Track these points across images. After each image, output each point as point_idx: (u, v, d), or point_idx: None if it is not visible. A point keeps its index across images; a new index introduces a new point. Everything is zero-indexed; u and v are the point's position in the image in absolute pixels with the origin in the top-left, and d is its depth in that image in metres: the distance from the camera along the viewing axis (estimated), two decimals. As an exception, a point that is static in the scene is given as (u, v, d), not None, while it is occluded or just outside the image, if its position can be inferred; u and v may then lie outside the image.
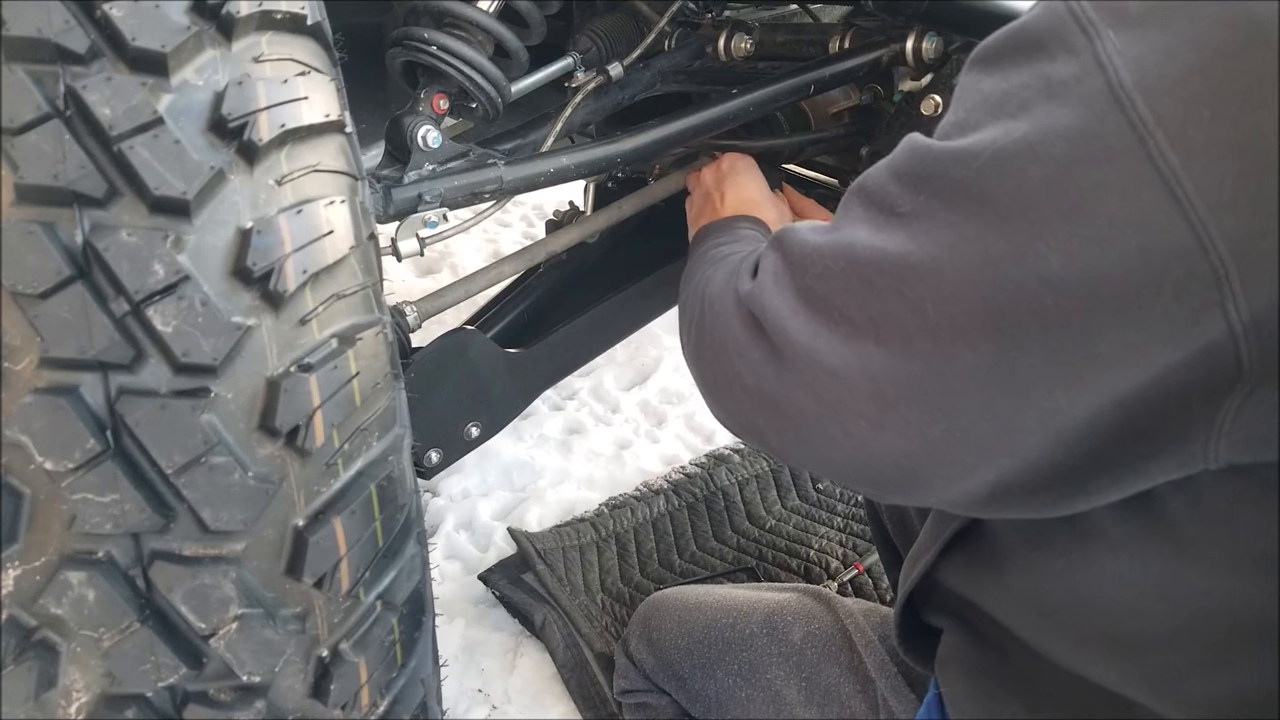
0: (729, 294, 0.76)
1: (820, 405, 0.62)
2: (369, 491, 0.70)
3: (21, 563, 0.60)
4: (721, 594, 1.19)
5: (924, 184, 0.57)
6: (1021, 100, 0.52)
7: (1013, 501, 0.59)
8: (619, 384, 2.08)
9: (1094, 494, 0.57)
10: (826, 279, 0.62)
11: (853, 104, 1.46)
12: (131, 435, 0.60)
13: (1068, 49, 0.51)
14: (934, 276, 0.54)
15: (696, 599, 1.19)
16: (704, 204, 1.23)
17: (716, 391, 0.78)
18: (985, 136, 0.53)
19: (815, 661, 1.03)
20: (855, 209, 0.63)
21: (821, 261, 0.63)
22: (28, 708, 0.61)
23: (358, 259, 0.69)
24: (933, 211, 0.55)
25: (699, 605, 1.17)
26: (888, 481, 0.62)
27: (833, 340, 0.61)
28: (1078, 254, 0.49)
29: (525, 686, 1.37)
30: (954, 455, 0.58)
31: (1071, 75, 0.50)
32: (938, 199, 0.55)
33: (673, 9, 1.32)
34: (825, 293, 0.62)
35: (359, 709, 0.73)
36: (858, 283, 0.59)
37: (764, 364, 0.67)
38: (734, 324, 0.73)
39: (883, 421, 0.59)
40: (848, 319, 0.60)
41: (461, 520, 1.68)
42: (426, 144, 1.05)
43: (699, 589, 1.25)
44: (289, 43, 0.66)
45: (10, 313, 0.57)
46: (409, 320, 1.16)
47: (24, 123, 0.56)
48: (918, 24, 1.27)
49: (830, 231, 0.65)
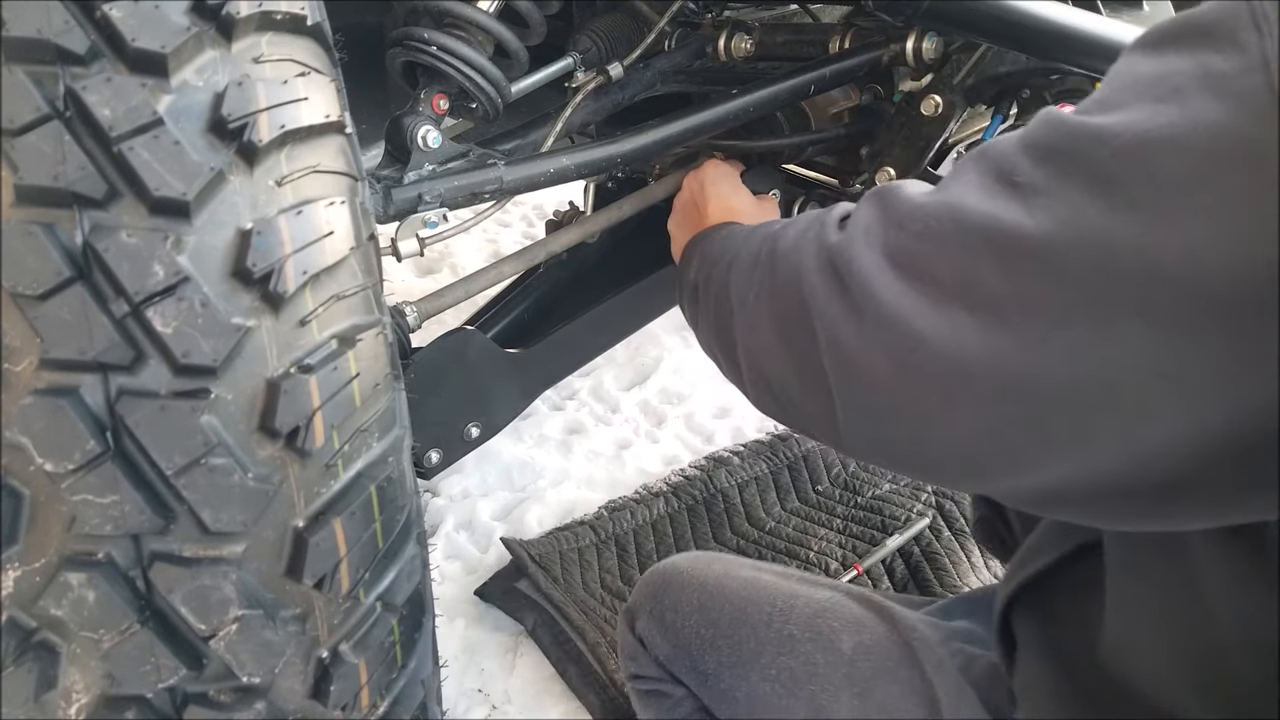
0: (807, 246, 0.72)
1: (895, 369, 0.59)
2: (369, 492, 0.70)
3: (21, 564, 0.60)
4: (746, 577, 1.08)
5: (1051, 157, 0.54)
6: (1174, 86, 0.49)
7: (1067, 509, 0.56)
8: (619, 384, 2.08)
9: (1168, 519, 0.54)
10: (924, 237, 0.59)
11: (853, 104, 1.46)
12: (131, 436, 0.60)
13: (1235, 43, 0.47)
14: (1043, 252, 0.52)
15: (717, 580, 1.08)
16: (687, 213, 1.21)
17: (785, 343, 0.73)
18: (1127, 117, 0.50)
19: (870, 676, 0.93)
20: (969, 173, 0.60)
21: (923, 219, 0.60)
22: (28, 709, 0.61)
23: (358, 260, 0.69)
24: (1055, 186, 0.52)
25: (721, 589, 1.06)
26: (942, 464, 0.60)
27: (920, 302, 0.58)
28: (1202, 255, 0.45)
29: (525, 686, 1.37)
30: (1021, 447, 0.55)
31: (1233, 70, 0.46)
32: (1063, 174, 0.52)
33: (673, 9, 1.32)
34: (920, 251, 0.59)
35: (359, 710, 0.72)
36: (958, 246, 0.56)
37: (844, 320, 0.64)
38: (812, 277, 0.69)
39: (956, 396, 0.56)
40: (939, 282, 0.57)
41: (461, 520, 1.68)
42: (426, 144, 1.05)
43: (715, 563, 1.12)
44: (289, 43, 0.66)
45: (10, 314, 0.57)
46: (409, 320, 1.16)
47: (24, 123, 0.56)
48: (918, 24, 1.27)
49: (937, 191, 0.62)
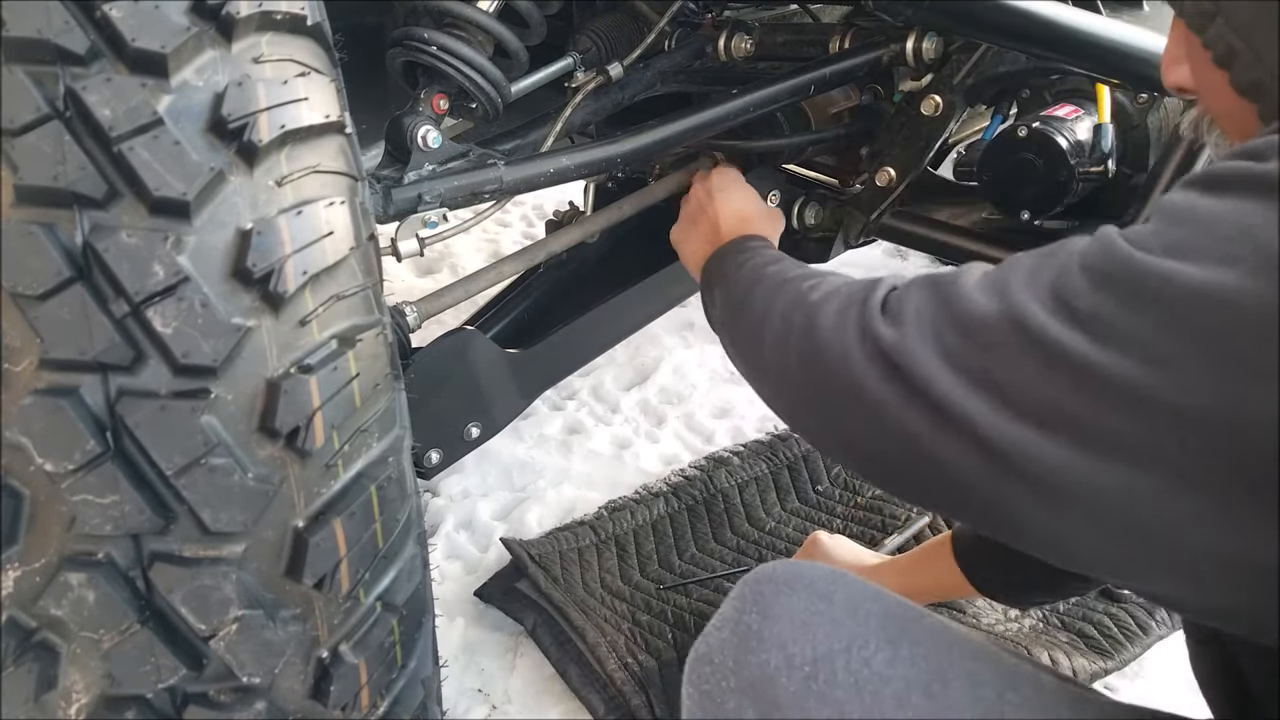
0: (851, 331, 0.70)
1: (978, 474, 0.60)
2: (369, 493, 0.70)
3: (21, 564, 0.60)
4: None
5: (1111, 285, 0.55)
6: (1239, 236, 0.51)
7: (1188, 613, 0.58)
8: (619, 384, 2.08)
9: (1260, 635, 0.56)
10: (992, 350, 0.60)
11: (853, 104, 1.46)
12: (131, 436, 0.60)
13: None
14: (1103, 384, 0.53)
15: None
16: (697, 224, 1.20)
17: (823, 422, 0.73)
18: (1192, 268, 0.52)
19: None
20: (1029, 281, 0.60)
21: (989, 331, 0.60)
22: (28, 709, 0.61)
23: (358, 260, 0.69)
24: (1115, 318, 0.54)
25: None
26: (1024, 546, 0.62)
27: (997, 416, 0.58)
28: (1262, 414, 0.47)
29: (525, 686, 1.37)
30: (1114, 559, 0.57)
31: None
32: (1125, 308, 0.54)
33: (673, 9, 1.32)
34: (989, 364, 0.60)
35: (359, 710, 0.72)
36: (1031, 365, 0.57)
37: (912, 419, 0.63)
38: (863, 368, 0.68)
39: (1037, 504, 0.58)
40: (1011, 397, 0.58)
41: (461, 520, 1.68)
42: (426, 144, 1.05)
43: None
44: (289, 43, 0.66)
45: (10, 314, 0.57)
46: (409, 320, 1.16)
47: (24, 124, 0.56)
48: (918, 24, 1.27)
49: (996, 293, 0.62)
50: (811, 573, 0.73)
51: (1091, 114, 1.36)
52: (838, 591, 0.71)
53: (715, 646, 0.73)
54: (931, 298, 0.66)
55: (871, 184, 1.45)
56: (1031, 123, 1.34)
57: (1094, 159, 1.33)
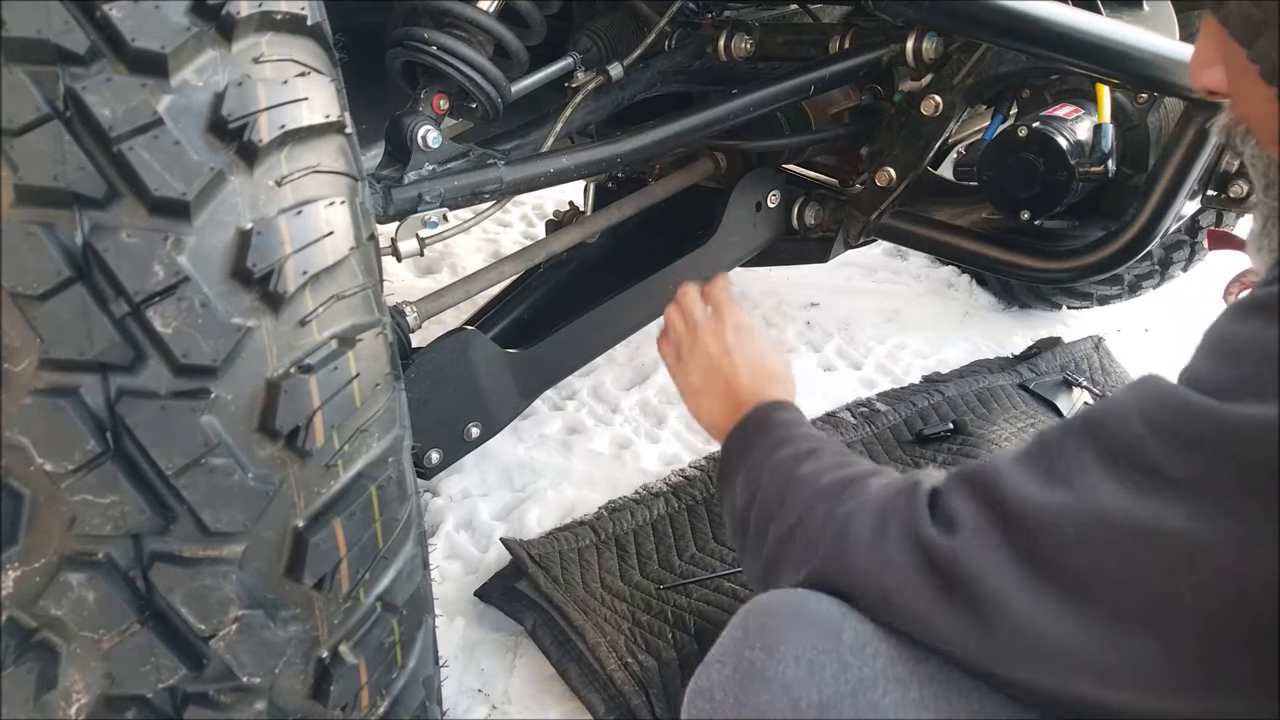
0: (894, 538, 0.66)
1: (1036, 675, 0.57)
2: (369, 493, 0.70)
3: (21, 564, 0.60)
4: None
5: (1201, 447, 0.50)
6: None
7: None
8: (619, 384, 2.08)
9: None
10: (1068, 550, 0.55)
11: (853, 104, 1.46)
12: (131, 436, 0.60)
13: None
14: (1210, 559, 0.49)
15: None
16: (711, 381, 1.03)
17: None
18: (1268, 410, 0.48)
19: None
20: (1088, 459, 0.56)
21: (1059, 529, 0.56)
22: (28, 709, 0.61)
23: (358, 260, 0.69)
24: (1218, 482, 0.49)
25: None
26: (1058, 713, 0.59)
27: (1062, 616, 0.55)
28: None
29: (525, 686, 1.37)
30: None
31: None
32: (1224, 469, 0.49)
33: (673, 9, 1.33)
34: (1069, 565, 0.55)
35: (359, 710, 0.72)
36: (1115, 559, 0.53)
37: (961, 631, 0.60)
38: (909, 579, 0.64)
39: (1102, 694, 0.55)
40: (1088, 596, 0.54)
41: (461, 520, 1.68)
42: (426, 144, 1.05)
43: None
44: (289, 43, 0.66)
45: (10, 314, 0.57)
46: (409, 320, 1.16)
47: (24, 123, 0.56)
48: (918, 24, 1.27)
49: (1058, 486, 0.57)
50: (817, 606, 0.68)
51: (1091, 114, 1.36)
52: (846, 629, 0.66)
53: (716, 682, 0.68)
54: (982, 501, 0.62)
55: (871, 184, 1.45)
56: (1031, 123, 1.34)
57: (1094, 159, 1.33)
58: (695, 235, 1.52)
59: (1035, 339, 2.22)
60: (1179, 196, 1.26)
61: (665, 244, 1.40)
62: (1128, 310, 2.38)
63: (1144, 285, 2.23)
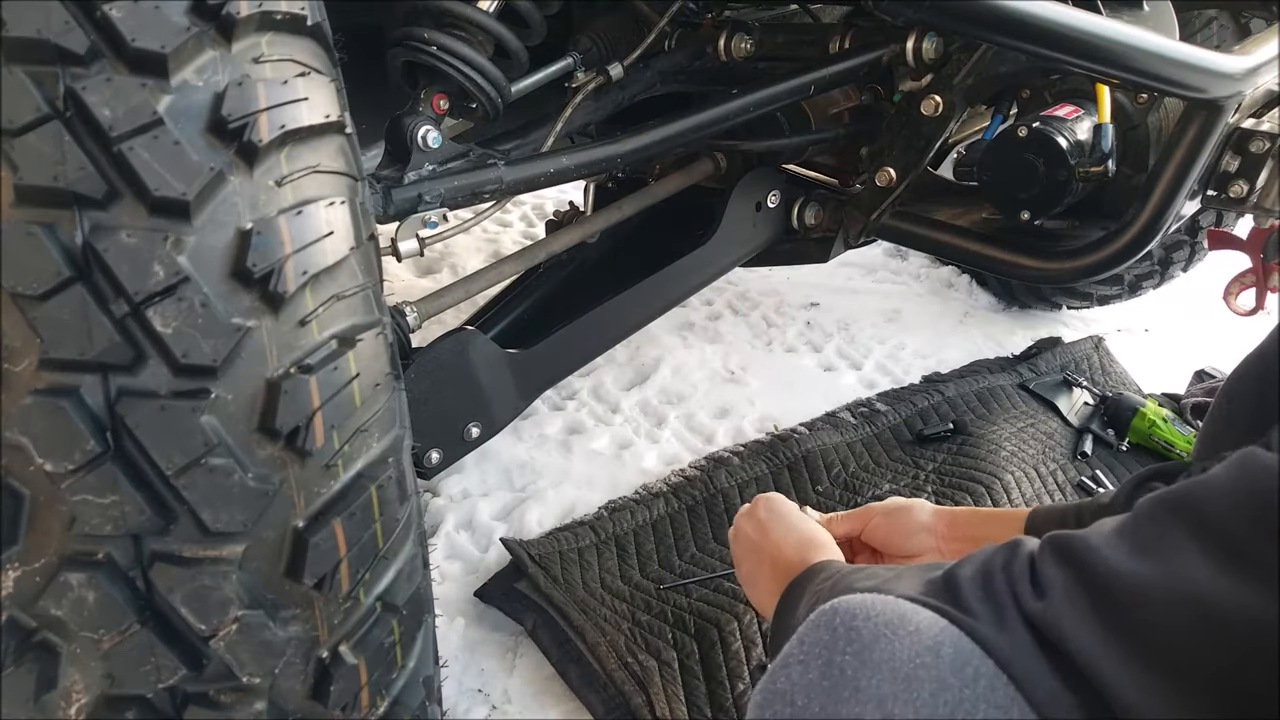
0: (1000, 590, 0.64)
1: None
2: (369, 493, 0.70)
3: (21, 564, 0.60)
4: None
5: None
6: None
7: None
8: (619, 384, 2.08)
9: None
10: (1159, 629, 0.55)
11: (853, 104, 1.46)
12: (131, 437, 0.60)
13: None
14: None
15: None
16: (758, 563, 1.06)
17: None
18: None
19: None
20: (1178, 536, 0.55)
21: (1148, 603, 0.55)
22: (28, 709, 0.61)
23: (358, 260, 0.69)
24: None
25: None
26: None
27: (1150, 689, 0.54)
28: None
29: (525, 686, 1.37)
30: None
31: None
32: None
33: (673, 9, 1.33)
34: (1158, 643, 0.55)
35: (359, 710, 0.72)
36: (1202, 638, 0.52)
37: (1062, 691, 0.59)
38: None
39: None
40: (1184, 674, 0.53)
41: (461, 520, 1.68)
42: (426, 144, 1.05)
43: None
44: (289, 43, 0.66)
45: (10, 314, 0.57)
46: (409, 320, 1.16)
47: (24, 124, 0.56)
48: (918, 24, 1.27)
49: (1146, 558, 0.57)
50: (916, 617, 0.63)
51: (1091, 114, 1.36)
52: (945, 643, 0.61)
53: (799, 685, 0.63)
54: (1067, 566, 0.61)
55: (871, 184, 1.45)
56: (1031, 123, 1.34)
57: (1094, 159, 1.33)
58: (695, 235, 1.52)
59: (1035, 339, 2.23)
60: (1179, 196, 1.26)
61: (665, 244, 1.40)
62: (1128, 310, 2.39)
63: (1144, 285, 2.23)
